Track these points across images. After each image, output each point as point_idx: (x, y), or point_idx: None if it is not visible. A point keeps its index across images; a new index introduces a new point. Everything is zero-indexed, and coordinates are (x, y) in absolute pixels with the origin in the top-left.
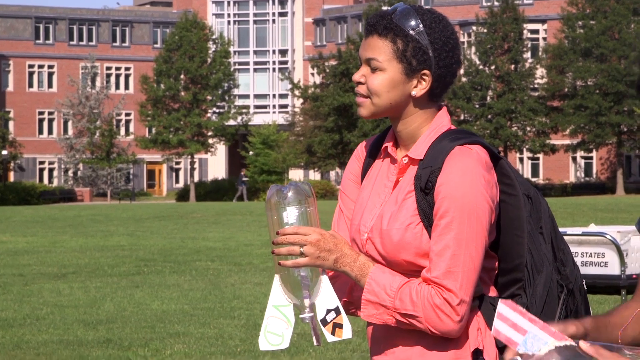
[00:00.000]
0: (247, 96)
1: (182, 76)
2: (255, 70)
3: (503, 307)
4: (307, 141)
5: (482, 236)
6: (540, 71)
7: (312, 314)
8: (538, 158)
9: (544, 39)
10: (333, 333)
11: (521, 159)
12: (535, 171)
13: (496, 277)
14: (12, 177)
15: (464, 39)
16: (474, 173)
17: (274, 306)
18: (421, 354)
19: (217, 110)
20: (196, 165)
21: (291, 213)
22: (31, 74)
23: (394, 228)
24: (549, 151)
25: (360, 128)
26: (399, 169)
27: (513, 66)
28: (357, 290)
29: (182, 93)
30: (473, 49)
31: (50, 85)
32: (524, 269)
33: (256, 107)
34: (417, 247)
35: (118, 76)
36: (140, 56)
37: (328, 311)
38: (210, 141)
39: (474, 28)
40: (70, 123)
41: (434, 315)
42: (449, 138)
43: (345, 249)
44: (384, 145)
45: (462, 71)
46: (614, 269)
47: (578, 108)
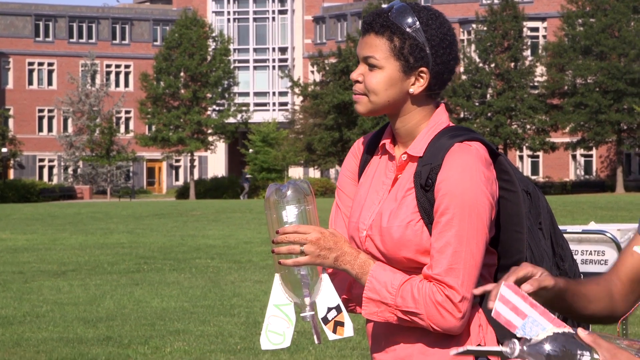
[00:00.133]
0: (247, 94)
1: (182, 74)
2: (255, 68)
3: (506, 290)
4: (307, 139)
5: (483, 233)
6: (540, 69)
7: (313, 313)
8: (538, 156)
9: (544, 37)
10: (334, 331)
11: (521, 157)
12: (535, 169)
13: (496, 273)
14: (12, 175)
15: (464, 37)
16: (474, 170)
17: (275, 305)
18: (422, 351)
19: (217, 108)
20: (196, 163)
21: (290, 212)
22: (31, 72)
23: (394, 225)
24: (549, 149)
25: (360, 126)
26: (398, 166)
27: (513, 64)
28: (356, 287)
29: (182, 91)
30: (473, 47)
31: (50, 82)
32: None
33: (256, 105)
34: (418, 245)
35: (118, 74)
36: (140, 54)
37: (329, 309)
38: (210, 139)
39: (474, 26)
40: (70, 121)
41: (436, 312)
42: (448, 135)
43: (345, 247)
44: (382, 142)
45: (462, 69)
46: None
47: (578, 106)
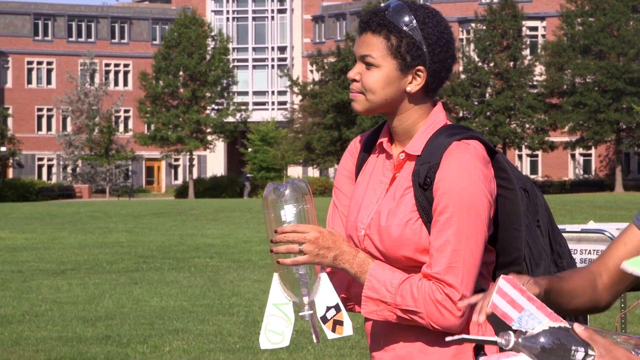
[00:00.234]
0: (246, 93)
1: (181, 73)
2: (254, 67)
3: (503, 283)
4: (306, 138)
5: (482, 231)
6: (539, 68)
7: (312, 312)
8: (537, 155)
9: (543, 36)
10: (333, 330)
11: (520, 156)
12: (534, 168)
13: (494, 271)
14: (11, 174)
15: (463, 36)
16: (472, 168)
17: (274, 304)
18: (422, 350)
19: (216, 107)
20: (195, 162)
21: (289, 211)
22: (30, 71)
23: (393, 224)
24: (548, 148)
25: (359, 125)
26: (396, 165)
27: (512, 63)
28: (355, 286)
29: (181, 90)
30: (472, 46)
31: (49, 81)
32: (522, 263)
33: (255, 104)
34: (417, 243)
35: (117, 73)
36: (139, 53)
37: (328, 308)
38: (209, 138)
39: (473, 25)
40: (69, 120)
41: (436, 310)
42: (446, 133)
43: (344, 246)
44: (379, 141)
45: (461, 68)
46: None
47: (577, 105)
